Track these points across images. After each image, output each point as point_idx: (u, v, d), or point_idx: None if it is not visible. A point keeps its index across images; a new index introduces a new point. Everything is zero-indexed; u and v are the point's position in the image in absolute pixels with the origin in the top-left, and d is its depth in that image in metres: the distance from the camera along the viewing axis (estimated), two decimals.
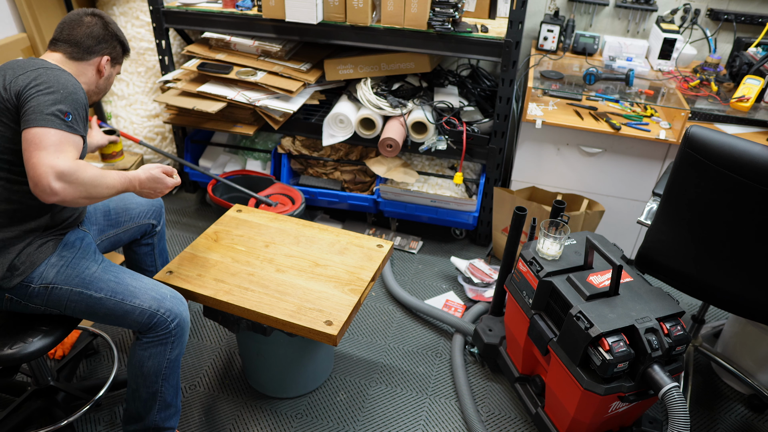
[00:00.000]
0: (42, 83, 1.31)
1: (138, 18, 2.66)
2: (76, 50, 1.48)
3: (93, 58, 1.51)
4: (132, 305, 1.44)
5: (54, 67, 1.37)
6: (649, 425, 1.72)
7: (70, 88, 1.34)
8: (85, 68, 1.50)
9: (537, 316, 1.63)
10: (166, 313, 1.45)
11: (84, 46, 1.48)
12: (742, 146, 1.28)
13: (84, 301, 1.43)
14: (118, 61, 1.60)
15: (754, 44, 2.35)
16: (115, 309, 1.44)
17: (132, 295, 1.45)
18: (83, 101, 1.37)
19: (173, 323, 1.46)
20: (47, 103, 1.28)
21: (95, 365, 1.99)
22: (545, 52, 2.58)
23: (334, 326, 1.44)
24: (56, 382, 1.74)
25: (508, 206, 2.39)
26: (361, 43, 2.33)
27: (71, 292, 1.43)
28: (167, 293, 1.48)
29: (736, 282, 1.46)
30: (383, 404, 1.89)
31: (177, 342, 1.49)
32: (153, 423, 1.54)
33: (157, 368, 1.49)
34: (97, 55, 1.51)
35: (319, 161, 2.69)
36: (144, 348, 1.47)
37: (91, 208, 1.71)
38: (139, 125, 2.74)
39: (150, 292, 1.46)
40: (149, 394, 1.51)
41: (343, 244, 1.76)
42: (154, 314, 1.44)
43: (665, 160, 2.25)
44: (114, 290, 1.44)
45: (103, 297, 1.43)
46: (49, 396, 1.73)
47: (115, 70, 1.59)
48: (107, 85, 1.60)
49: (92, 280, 1.44)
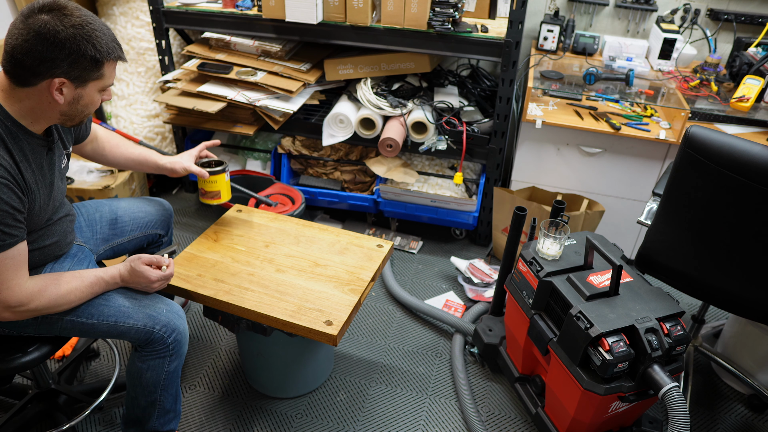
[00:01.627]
0: None
1: (138, 18, 2.66)
2: (17, 72, 1.14)
3: (39, 83, 1.14)
4: (126, 325, 1.39)
5: None
6: (649, 425, 1.72)
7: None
8: (36, 94, 1.17)
9: (537, 316, 1.63)
10: (163, 329, 1.41)
11: (23, 67, 1.12)
12: (742, 146, 1.28)
13: (76, 327, 1.39)
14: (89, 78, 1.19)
15: (754, 44, 2.35)
16: (109, 331, 1.40)
17: (125, 316, 1.39)
18: (5, 205, 1.14)
19: (170, 338, 1.43)
20: None
21: (96, 367, 1.99)
22: (545, 52, 2.58)
23: (334, 326, 1.43)
24: (57, 385, 1.72)
25: (508, 206, 2.39)
26: (361, 43, 2.33)
27: (62, 320, 1.37)
28: (162, 308, 1.43)
29: (736, 282, 1.46)
30: (383, 404, 1.89)
31: (175, 355, 1.46)
32: (152, 428, 1.54)
33: (155, 379, 1.47)
34: (43, 78, 1.14)
35: (319, 161, 2.69)
36: (142, 360, 1.44)
37: (96, 216, 1.65)
38: (139, 125, 2.74)
39: (144, 309, 1.41)
40: (148, 403, 1.50)
41: (343, 244, 1.76)
42: (150, 332, 1.40)
43: (665, 160, 2.25)
44: (105, 314, 1.39)
45: (96, 322, 1.38)
46: (50, 399, 1.71)
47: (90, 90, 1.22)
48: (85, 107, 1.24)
49: (82, 306, 1.37)
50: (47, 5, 1.14)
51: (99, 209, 1.67)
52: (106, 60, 1.20)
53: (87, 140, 1.57)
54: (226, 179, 1.69)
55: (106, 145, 1.64)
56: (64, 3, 1.15)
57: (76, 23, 1.14)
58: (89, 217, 1.64)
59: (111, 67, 1.24)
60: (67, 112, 1.23)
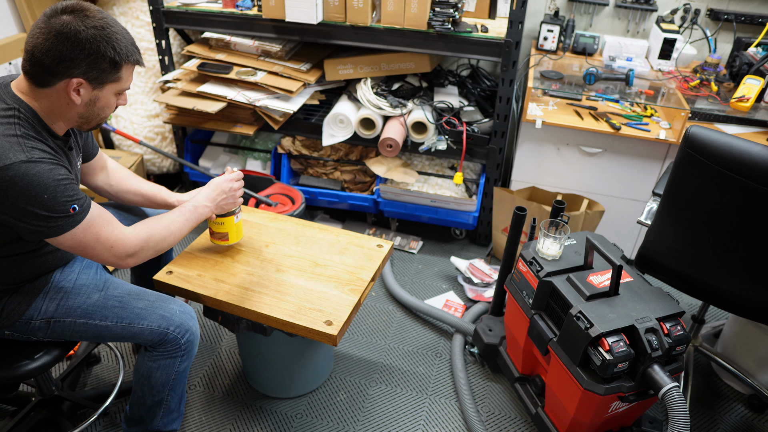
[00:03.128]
0: (25, 202, 1.12)
1: (138, 18, 2.66)
2: (36, 72, 1.16)
3: (57, 83, 1.17)
4: (140, 327, 1.40)
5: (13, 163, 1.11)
6: (649, 425, 1.72)
7: (51, 184, 1.14)
8: (54, 95, 1.19)
9: (537, 316, 1.63)
10: (176, 330, 1.42)
11: (41, 66, 1.15)
12: (742, 146, 1.28)
13: (90, 330, 1.39)
14: (107, 80, 1.21)
15: (754, 44, 2.34)
16: (123, 333, 1.40)
17: (139, 317, 1.40)
18: (66, 179, 1.18)
19: (183, 338, 1.44)
20: (49, 217, 1.16)
21: (99, 372, 1.98)
22: (545, 52, 2.58)
23: (334, 326, 1.43)
24: (61, 392, 1.71)
25: (508, 206, 2.39)
26: (361, 43, 2.33)
27: (75, 323, 1.38)
28: (176, 309, 1.44)
29: (736, 282, 1.46)
30: (383, 404, 1.89)
31: (187, 355, 1.47)
32: (155, 428, 1.54)
33: (165, 379, 1.47)
34: (61, 78, 1.16)
35: (319, 161, 2.69)
36: (153, 360, 1.45)
37: None
38: (139, 125, 2.74)
39: (158, 311, 1.42)
40: (154, 402, 1.50)
41: (343, 244, 1.76)
42: (164, 333, 1.41)
43: (665, 160, 2.25)
44: (119, 315, 1.40)
45: (110, 324, 1.39)
46: (54, 406, 1.70)
47: (106, 92, 1.23)
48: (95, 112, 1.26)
49: (95, 308, 1.39)
50: (70, 7, 1.16)
51: None
52: (125, 62, 1.22)
53: (97, 168, 1.56)
54: (236, 221, 1.62)
55: (116, 176, 1.61)
56: (86, 5, 1.18)
57: (98, 24, 1.16)
58: None
59: (129, 71, 1.26)
60: (84, 114, 1.25)
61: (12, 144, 1.13)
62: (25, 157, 1.12)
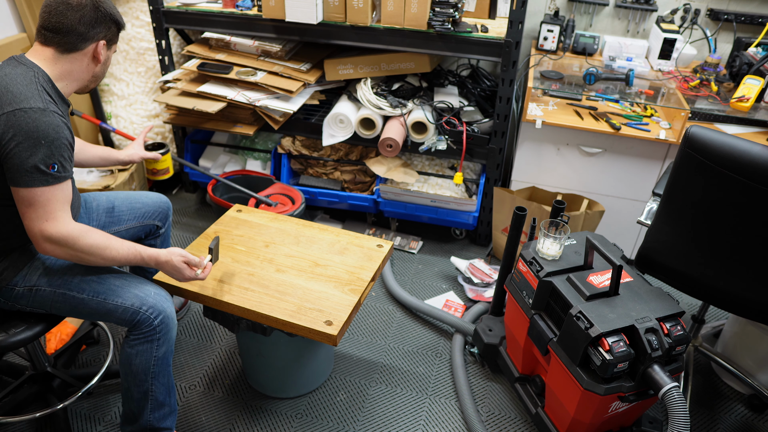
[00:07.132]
0: (20, 133, 1.24)
1: (138, 18, 2.66)
2: (68, 40, 1.35)
3: (88, 46, 1.37)
4: (114, 304, 1.43)
5: (32, 107, 1.25)
6: (649, 425, 1.72)
7: (52, 134, 1.26)
8: (80, 58, 1.38)
9: (537, 316, 1.63)
10: (149, 310, 1.44)
11: (76, 34, 1.34)
12: (742, 146, 1.28)
13: (68, 301, 1.43)
14: (114, 41, 1.46)
15: (754, 44, 2.35)
16: (98, 308, 1.44)
17: (114, 294, 1.44)
18: (66, 140, 1.30)
19: (156, 320, 1.44)
20: (29, 158, 1.24)
21: (94, 354, 2.01)
22: (545, 52, 2.58)
23: (334, 326, 1.44)
24: (53, 369, 1.77)
25: (508, 206, 2.39)
26: (361, 43, 2.33)
27: (54, 293, 1.43)
28: (151, 290, 1.47)
29: (736, 282, 1.46)
30: (383, 404, 1.89)
31: (163, 339, 1.47)
32: (147, 423, 1.54)
33: (145, 366, 1.48)
34: (91, 42, 1.38)
35: (319, 161, 2.69)
36: (131, 346, 1.46)
37: (93, 204, 1.71)
38: (139, 125, 2.74)
39: (133, 290, 1.45)
40: (140, 393, 1.51)
41: (343, 244, 1.76)
42: (137, 311, 1.43)
43: (665, 160, 2.25)
44: (96, 290, 1.44)
45: (86, 297, 1.43)
46: (44, 381, 1.76)
47: (111, 52, 1.47)
48: (104, 70, 1.48)
49: (75, 280, 1.44)
50: None
51: (97, 198, 1.74)
52: (123, 27, 1.47)
53: None
54: (170, 156, 2.01)
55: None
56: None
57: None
58: (87, 206, 1.70)
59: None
60: (97, 73, 1.45)
61: (33, 93, 1.28)
62: (43, 106, 1.27)
